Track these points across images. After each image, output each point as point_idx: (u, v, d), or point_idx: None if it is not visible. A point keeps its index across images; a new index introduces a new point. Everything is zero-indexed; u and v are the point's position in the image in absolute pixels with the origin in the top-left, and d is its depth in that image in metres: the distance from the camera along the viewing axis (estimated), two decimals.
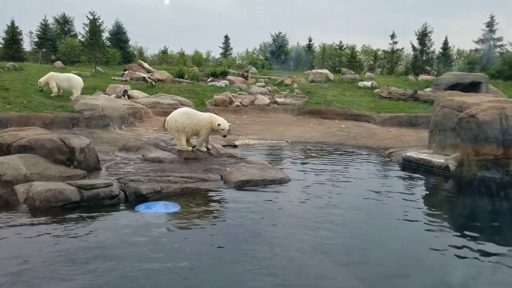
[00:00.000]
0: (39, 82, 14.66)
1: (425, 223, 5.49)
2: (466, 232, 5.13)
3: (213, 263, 4.04)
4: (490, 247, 4.64)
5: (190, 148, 8.12)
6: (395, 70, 45.15)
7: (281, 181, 7.00)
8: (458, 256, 4.40)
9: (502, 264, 4.32)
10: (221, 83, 22.24)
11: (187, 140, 8.17)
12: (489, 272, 4.16)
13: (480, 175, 7.74)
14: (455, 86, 18.94)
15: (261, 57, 46.33)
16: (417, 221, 5.54)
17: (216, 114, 8.88)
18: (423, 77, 28.35)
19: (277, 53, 40.59)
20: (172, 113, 8.17)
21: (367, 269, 4.09)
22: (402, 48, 47.51)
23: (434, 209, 6.40)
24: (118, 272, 3.75)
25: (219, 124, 7.93)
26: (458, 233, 5.11)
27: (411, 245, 4.77)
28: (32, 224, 4.81)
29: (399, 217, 5.68)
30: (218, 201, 6.12)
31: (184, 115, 7.97)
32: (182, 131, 7.93)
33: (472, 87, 19.66)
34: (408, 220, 5.55)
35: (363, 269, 4.08)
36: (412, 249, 4.65)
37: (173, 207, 5.58)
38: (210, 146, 8.42)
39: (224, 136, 8.32)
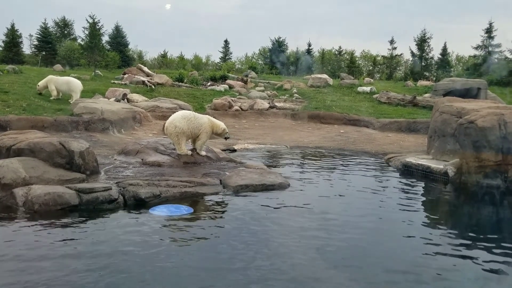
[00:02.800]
0: (38, 85, 14.65)
1: (423, 229, 5.50)
2: (465, 239, 5.14)
3: (209, 267, 4.03)
4: (489, 253, 4.63)
5: (189, 153, 8.12)
6: (394, 75, 45.18)
7: (280, 186, 7.00)
8: (457, 261, 4.41)
9: (503, 270, 4.32)
10: (221, 87, 22.26)
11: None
12: (491, 279, 4.15)
13: (479, 181, 7.75)
14: (454, 92, 18.97)
15: (260, 62, 46.38)
16: (415, 227, 5.54)
17: (215, 118, 8.94)
18: (422, 82, 28.39)
19: (277, 58, 40.68)
20: (170, 118, 8.14)
21: (365, 275, 4.08)
22: (401, 54, 47.61)
23: (432, 215, 6.41)
24: (115, 276, 3.74)
25: (223, 129, 8.33)
26: (456, 239, 5.11)
27: (410, 251, 4.77)
28: (30, 228, 4.80)
29: (397, 223, 5.69)
30: (217, 206, 6.12)
31: (183, 119, 7.96)
32: (182, 136, 7.93)
33: (471, 93, 19.70)
34: (407, 227, 5.55)
35: (361, 276, 4.08)
36: (411, 255, 4.64)
37: (187, 210, 5.68)
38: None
39: (227, 139, 8.78)
